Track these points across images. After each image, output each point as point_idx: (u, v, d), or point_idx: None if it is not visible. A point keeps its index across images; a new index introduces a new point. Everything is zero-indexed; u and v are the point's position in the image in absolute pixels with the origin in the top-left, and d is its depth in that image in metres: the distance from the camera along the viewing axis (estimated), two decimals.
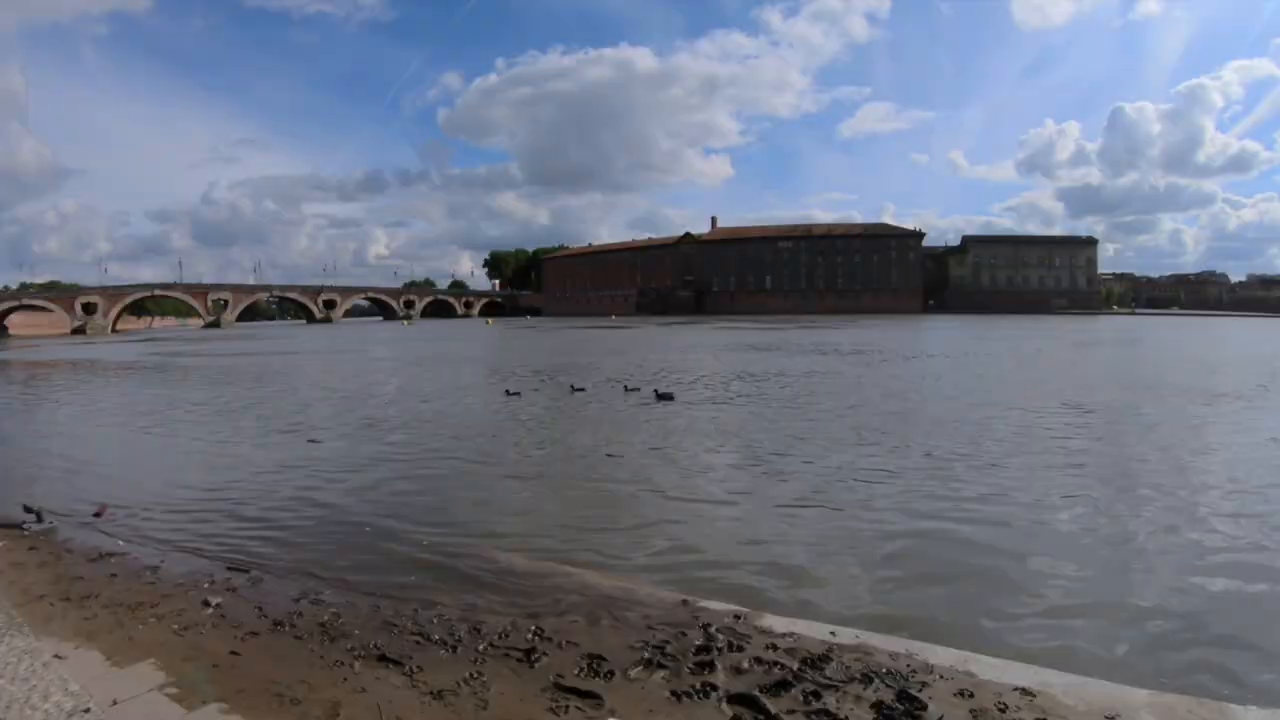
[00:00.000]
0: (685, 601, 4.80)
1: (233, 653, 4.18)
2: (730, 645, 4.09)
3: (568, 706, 3.59)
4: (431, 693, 3.76)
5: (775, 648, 4.08)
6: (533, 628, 4.39)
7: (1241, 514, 7.18)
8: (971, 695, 3.66)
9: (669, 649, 4.08)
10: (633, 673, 3.88)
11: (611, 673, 3.89)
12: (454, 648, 4.21)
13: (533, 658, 4.05)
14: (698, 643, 4.13)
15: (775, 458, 9.84)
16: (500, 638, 4.29)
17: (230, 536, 6.64)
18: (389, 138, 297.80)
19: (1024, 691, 3.69)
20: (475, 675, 3.89)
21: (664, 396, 15.71)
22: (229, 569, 5.63)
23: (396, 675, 3.95)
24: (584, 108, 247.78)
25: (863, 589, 5.34)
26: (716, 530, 6.74)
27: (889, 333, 48.83)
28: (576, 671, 3.92)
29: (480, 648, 4.19)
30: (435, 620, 4.58)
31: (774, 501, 7.68)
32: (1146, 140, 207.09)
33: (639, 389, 16.98)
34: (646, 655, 4.03)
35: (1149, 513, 7.26)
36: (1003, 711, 3.53)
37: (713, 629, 4.29)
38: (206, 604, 4.82)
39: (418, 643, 4.29)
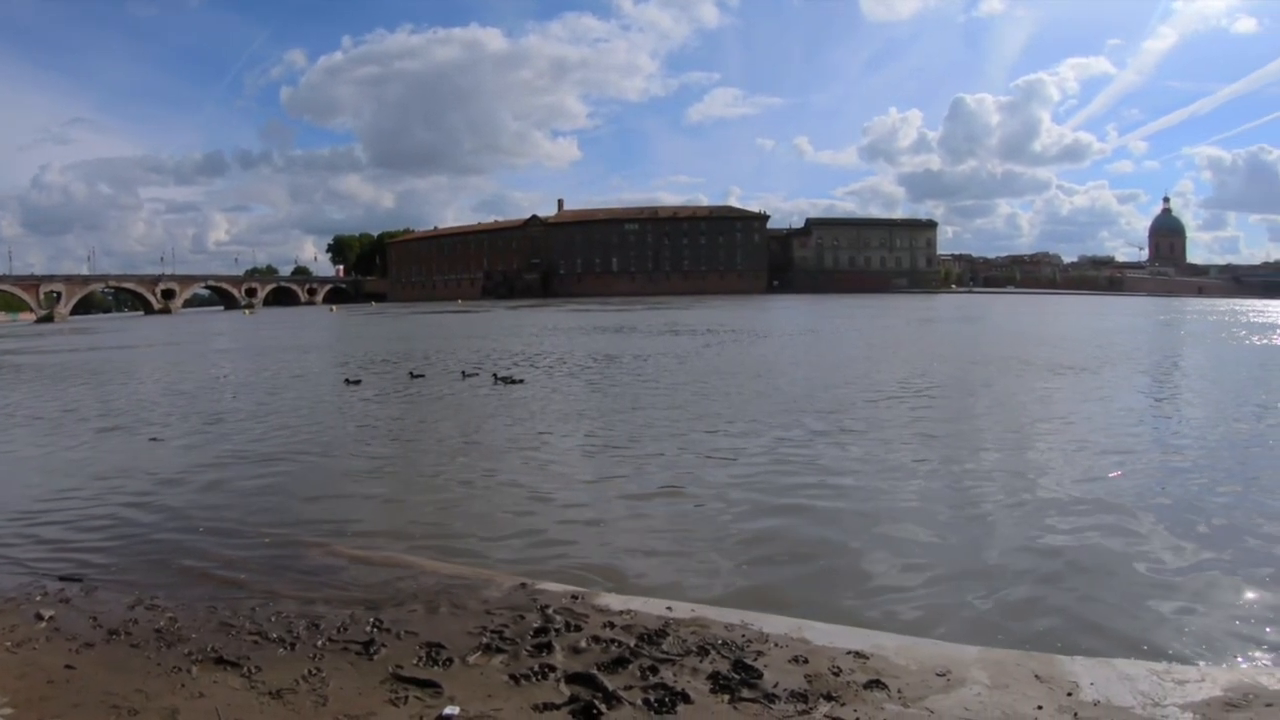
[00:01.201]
0: (524, 585, 5.45)
1: (68, 666, 4.70)
2: (568, 625, 4.72)
3: (407, 697, 4.17)
4: (270, 692, 4.32)
5: (612, 625, 4.72)
6: (372, 620, 5.00)
7: (1082, 479, 9.06)
8: (806, 661, 4.32)
9: (507, 633, 4.70)
10: (471, 659, 4.50)
11: (450, 660, 4.51)
12: (292, 645, 4.81)
13: (371, 650, 4.66)
14: (535, 625, 4.75)
15: (624, 439, 11.57)
16: (339, 632, 4.91)
17: (65, 544, 7.26)
18: (229, 118, 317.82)
19: (857, 654, 4.36)
20: (314, 671, 4.48)
21: (510, 381, 18.29)
22: (61, 579, 6.19)
23: (235, 677, 4.52)
24: (431, 88, 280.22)
25: (703, 565, 6.20)
26: (559, 513, 7.84)
27: (737, 313, 59.22)
28: (415, 661, 4.53)
29: (319, 643, 4.80)
30: (273, 618, 5.18)
31: (619, 482, 9.09)
32: (985, 130, 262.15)
33: (477, 374, 19.70)
34: (485, 640, 4.65)
35: (992, 480, 9.13)
36: (836, 675, 4.19)
37: (550, 610, 4.92)
38: (39, 617, 5.36)
39: (255, 642, 4.87)
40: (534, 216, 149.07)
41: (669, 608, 5.05)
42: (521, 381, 18.38)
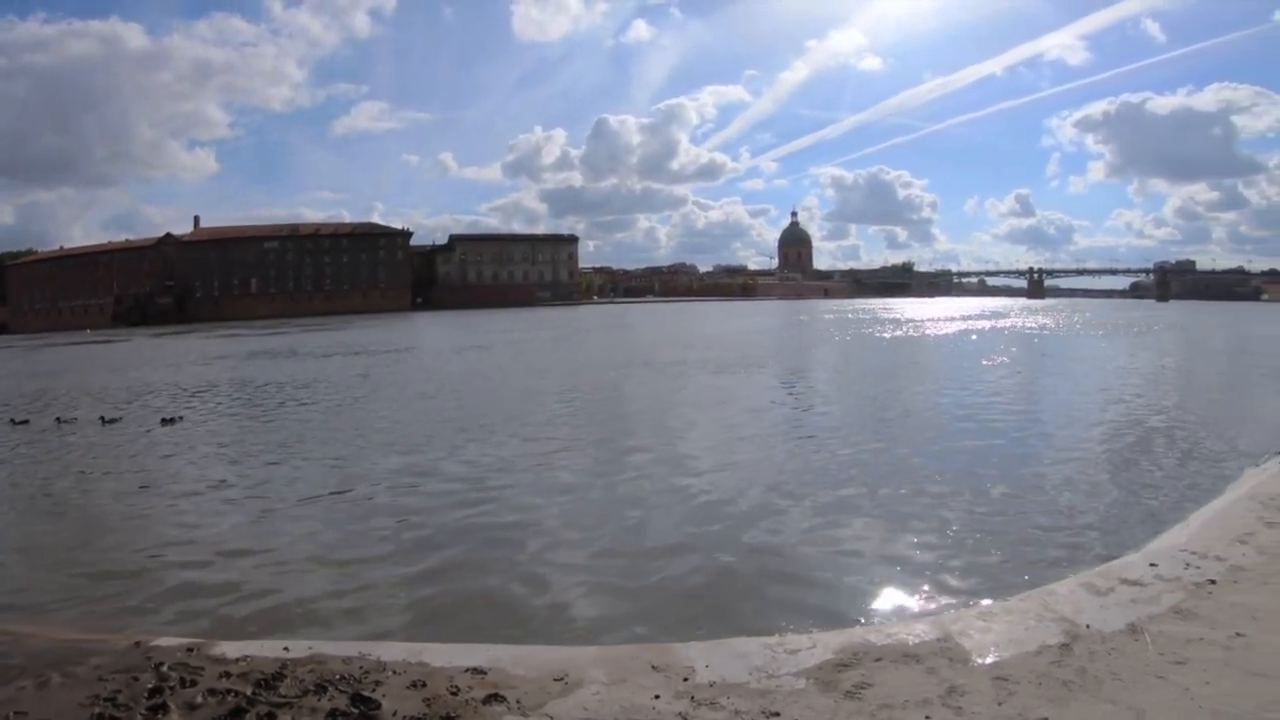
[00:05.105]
0: (138, 643, 6.30)
1: None
2: (183, 681, 5.58)
3: None
4: None
5: (229, 675, 5.63)
6: None
7: (729, 470, 12.76)
8: (424, 685, 5.36)
9: (121, 698, 5.50)
10: None
11: None
12: None
13: None
14: (150, 685, 5.58)
15: (278, 474, 13.72)
16: None
17: None
18: None
19: (475, 670, 5.44)
20: None
21: (112, 421, 20.48)
22: None
23: None
24: (63, 87, 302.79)
25: (336, 598, 7.54)
26: (187, 561, 9.20)
27: (393, 332, 73.88)
28: None
29: None
30: None
31: (260, 520, 10.86)
32: (627, 149, 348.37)
33: (75, 418, 21.41)
34: (98, 710, 5.41)
35: (648, 480, 12.33)
36: (455, 694, 5.24)
37: (165, 667, 5.77)
38: None
39: None
40: (168, 235, 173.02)
41: (286, 648, 6.09)
42: (179, 419, 20.94)
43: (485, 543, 9.55)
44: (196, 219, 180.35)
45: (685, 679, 5.47)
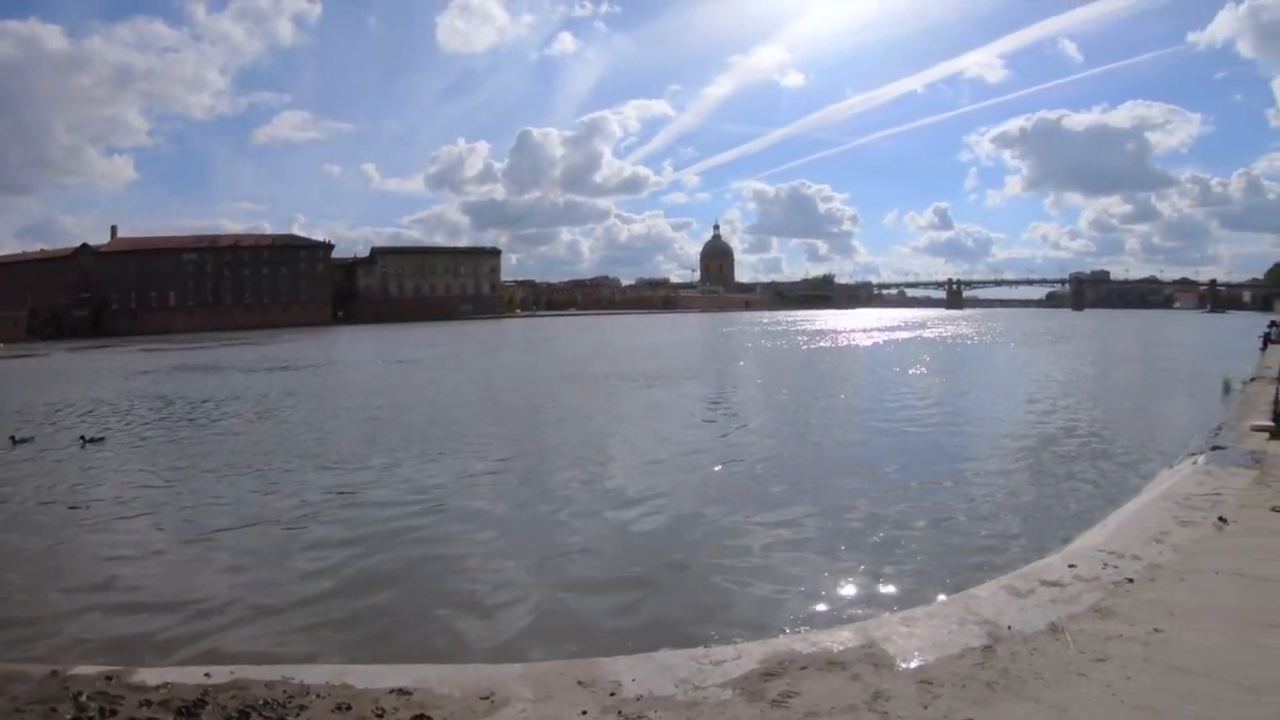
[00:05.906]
0: (55, 672, 6.00)
1: None
2: (103, 711, 5.33)
3: None
4: None
5: (150, 704, 5.39)
6: None
7: (657, 485, 12.94)
8: (349, 708, 5.18)
9: None
10: None
11: None
12: None
13: None
14: (69, 716, 5.32)
15: (204, 497, 13.50)
16: None
17: None
18: None
19: (400, 691, 5.28)
20: None
21: (94, 440, 20.21)
22: None
23: None
24: None
25: (259, 620, 7.40)
26: (103, 585, 9.04)
27: (315, 347, 74.03)
28: None
29: None
30: None
31: (182, 544, 10.73)
32: (550, 162, 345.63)
33: None
34: None
35: (578, 494, 12.59)
36: (380, 716, 5.08)
37: (83, 697, 5.51)
38: None
39: None
40: (85, 245, 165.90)
41: (207, 674, 5.86)
42: (101, 438, 20.45)
43: (414, 564, 9.50)
44: (114, 229, 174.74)
45: (612, 694, 5.37)
